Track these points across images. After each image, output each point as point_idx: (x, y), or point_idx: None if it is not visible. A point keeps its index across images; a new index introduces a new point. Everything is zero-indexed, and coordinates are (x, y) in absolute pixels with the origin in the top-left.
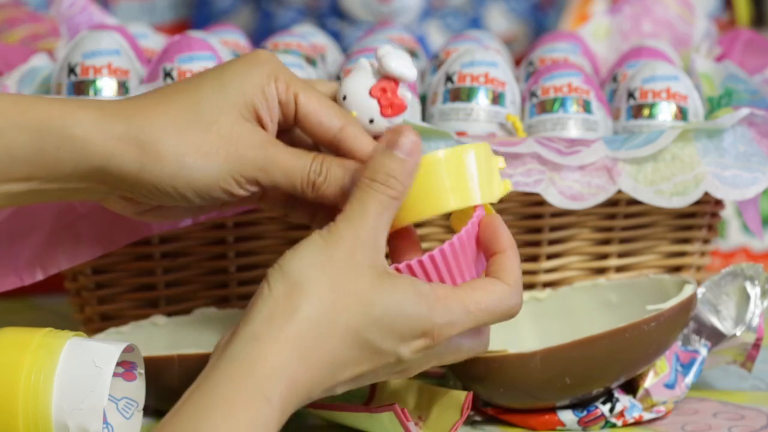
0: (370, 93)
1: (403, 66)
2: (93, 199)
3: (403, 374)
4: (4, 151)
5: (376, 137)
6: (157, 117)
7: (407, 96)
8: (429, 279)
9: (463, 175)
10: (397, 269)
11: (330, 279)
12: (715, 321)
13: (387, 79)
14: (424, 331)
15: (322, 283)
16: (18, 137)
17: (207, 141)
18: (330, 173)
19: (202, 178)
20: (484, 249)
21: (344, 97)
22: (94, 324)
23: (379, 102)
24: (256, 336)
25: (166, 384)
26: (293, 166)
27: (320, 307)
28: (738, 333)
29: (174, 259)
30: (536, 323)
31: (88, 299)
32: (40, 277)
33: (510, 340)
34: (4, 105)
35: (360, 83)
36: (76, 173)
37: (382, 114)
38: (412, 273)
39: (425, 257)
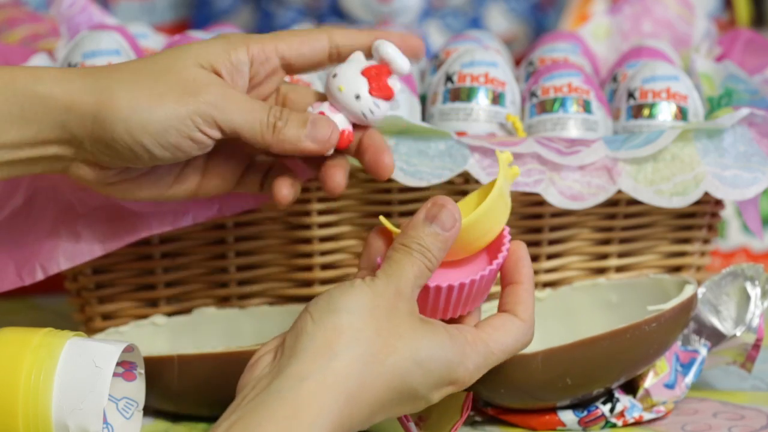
0: (362, 72)
1: (398, 55)
2: (59, 169)
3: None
4: None
5: (361, 127)
6: (117, 72)
7: (397, 86)
8: (458, 300)
9: (503, 207)
10: (438, 288)
11: (376, 324)
12: (715, 321)
13: (381, 66)
14: (455, 378)
15: (370, 327)
16: None
17: (161, 84)
18: (291, 117)
19: (156, 119)
20: (503, 274)
21: (334, 75)
22: (94, 324)
23: (369, 81)
24: (302, 375)
25: (166, 384)
26: (252, 107)
27: (368, 349)
28: (738, 333)
29: (174, 259)
30: (536, 323)
31: (88, 299)
32: (40, 277)
33: None
34: None
35: (353, 64)
36: (41, 135)
37: (370, 92)
38: (449, 294)
39: (467, 280)
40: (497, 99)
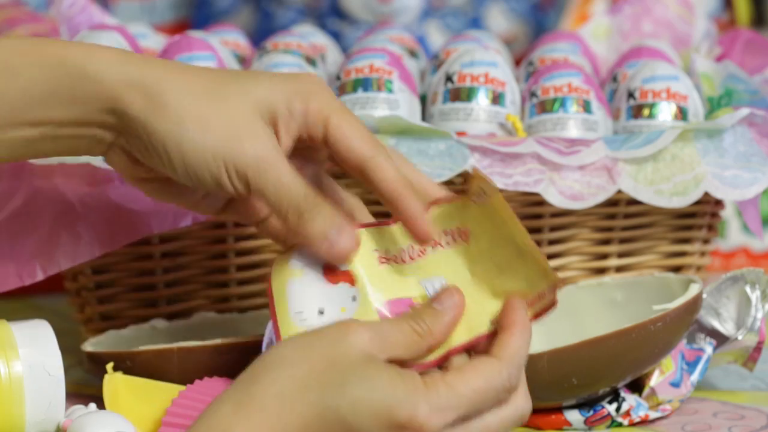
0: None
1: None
2: (98, 152)
3: None
4: (21, 91)
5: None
6: (177, 75)
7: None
8: None
9: None
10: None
11: (310, 352)
12: (716, 324)
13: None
14: (404, 420)
15: (300, 354)
16: (35, 75)
17: (215, 115)
18: (323, 212)
19: (195, 150)
20: (498, 325)
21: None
22: (94, 324)
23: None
24: (223, 399)
25: (166, 377)
26: (290, 182)
27: (290, 374)
28: (740, 337)
29: (174, 259)
30: (541, 322)
31: (88, 299)
32: (40, 277)
33: None
34: (25, 46)
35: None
36: (87, 116)
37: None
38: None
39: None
40: (497, 99)
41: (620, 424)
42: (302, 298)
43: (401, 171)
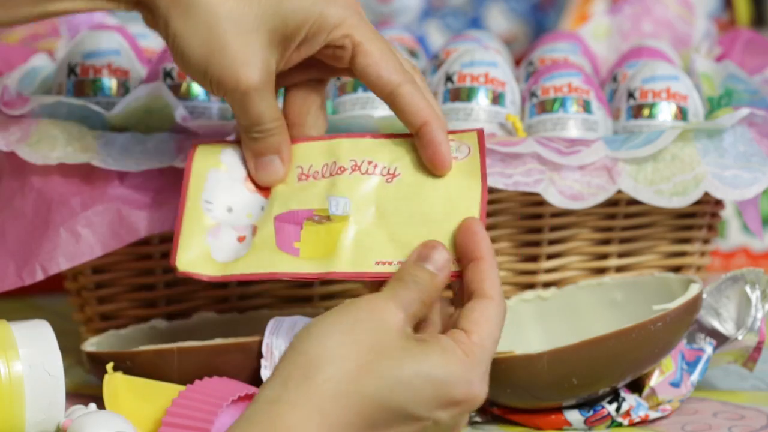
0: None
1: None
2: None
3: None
4: None
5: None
6: None
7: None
8: None
9: None
10: None
11: (355, 343)
12: (716, 324)
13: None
14: (458, 397)
15: (347, 347)
16: None
17: (222, 36)
18: (268, 138)
19: (190, 62)
20: (460, 252)
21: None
22: (94, 324)
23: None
24: (273, 399)
25: (166, 377)
26: (255, 113)
27: (344, 369)
28: (740, 337)
29: None
30: (541, 322)
31: (88, 299)
32: (40, 277)
33: (515, 339)
34: None
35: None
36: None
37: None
38: None
39: None
40: (497, 99)
41: (620, 424)
42: (217, 191)
43: (428, 99)
